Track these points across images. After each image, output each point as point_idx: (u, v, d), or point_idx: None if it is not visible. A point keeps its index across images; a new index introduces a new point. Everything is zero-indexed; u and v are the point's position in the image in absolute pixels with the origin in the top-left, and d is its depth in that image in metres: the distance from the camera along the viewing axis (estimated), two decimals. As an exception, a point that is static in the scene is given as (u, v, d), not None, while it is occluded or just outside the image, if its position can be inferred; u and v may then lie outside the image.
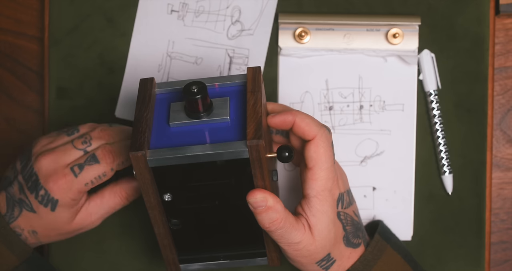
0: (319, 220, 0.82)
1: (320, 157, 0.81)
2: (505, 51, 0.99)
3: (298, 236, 0.81)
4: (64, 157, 0.85)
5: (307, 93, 0.96)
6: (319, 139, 0.81)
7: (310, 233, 0.82)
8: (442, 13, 0.97)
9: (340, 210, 0.84)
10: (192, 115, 0.78)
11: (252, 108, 0.78)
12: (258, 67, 0.81)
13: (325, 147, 0.81)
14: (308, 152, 0.82)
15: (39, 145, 0.87)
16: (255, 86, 0.80)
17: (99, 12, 0.97)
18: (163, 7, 0.97)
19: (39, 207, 0.85)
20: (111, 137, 0.87)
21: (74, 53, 0.97)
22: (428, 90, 0.96)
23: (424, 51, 0.96)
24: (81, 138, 0.86)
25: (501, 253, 1.00)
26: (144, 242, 0.97)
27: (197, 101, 0.77)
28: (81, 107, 0.98)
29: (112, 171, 0.85)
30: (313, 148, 0.81)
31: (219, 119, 0.78)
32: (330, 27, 0.96)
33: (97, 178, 0.85)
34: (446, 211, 0.97)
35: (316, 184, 0.82)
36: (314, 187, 0.82)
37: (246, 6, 0.97)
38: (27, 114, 1.00)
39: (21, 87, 1.00)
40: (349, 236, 0.85)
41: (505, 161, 1.00)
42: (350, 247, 0.85)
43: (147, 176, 0.76)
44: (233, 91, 0.81)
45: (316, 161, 0.81)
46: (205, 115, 0.78)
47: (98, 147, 0.85)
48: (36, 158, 0.86)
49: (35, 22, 1.00)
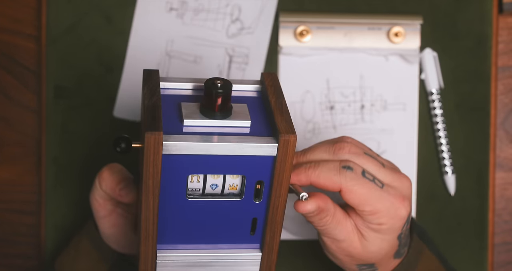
0: (373, 242, 0.78)
1: (363, 198, 0.75)
2: (508, 50, 0.99)
3: (343, 233, 0.77)
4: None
5: (308, 92, 0.96)
6: (346, 186, 0.75)
7: (358, 240, 0.78)
8: (444, 12, 0.96)
9: (403, 230, 0.78)
10: (209, 114, 0.71)
11: (278, 108, 0.71)
12: (274, 74, 0.75)
13: (360, 187, 0.75)
14: (347, 200, 0.75)
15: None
16: (278, 91, 0.73)
17: (97, 10, 0.97)
18: (162, 5, 0.96)
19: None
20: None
21: (71, 52, 0.97)
22: (430, 89, 0.96)
23: (426, 50, 0.96)
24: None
25: (504, 254, 1.00)
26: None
27: (219, 98, 0.69)
28: (79, 106, 0.97)
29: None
30: (348, 196, 0.75)
31: (239, 122, 0.71)
32: (331, 25, 0.96)
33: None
34: (448, 212, 0.97)
35: (378, 217, 0.76)
36: (376, 219, 0.76)
37: (246, 4, 0.96)
38: (24, 113, 1.00)
39: (18, 87, 1.00)
40: (401, 248, 0.80)
41: (508, 161, 0.99)
42: (397, 258, 0.81)
43: (158, 163, 0.69)
44: (248, 99, 0.75)
45: (363, 203, 0.75)
46: (224, 116, 0.71)
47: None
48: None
49: (32, 21, 0.99)
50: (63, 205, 0.98)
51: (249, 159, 0.70)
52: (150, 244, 0.74)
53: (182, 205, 0.73)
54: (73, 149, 0.97)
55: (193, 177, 0.72)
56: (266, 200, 0.73)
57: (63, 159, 0.97)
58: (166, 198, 0.72)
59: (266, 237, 0.74)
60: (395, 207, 0.76)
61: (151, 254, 0.74)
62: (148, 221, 0.72)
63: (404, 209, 0.76)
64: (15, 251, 1.00)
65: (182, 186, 0.72)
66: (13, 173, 1.00)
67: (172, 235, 0.74)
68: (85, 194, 0.98)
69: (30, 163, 1.00)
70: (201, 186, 0.73)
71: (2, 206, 1.00)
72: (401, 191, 0.77)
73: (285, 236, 0.96)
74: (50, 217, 0.97)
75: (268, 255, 0.75)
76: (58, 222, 0.98)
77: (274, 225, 0.73)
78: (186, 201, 0.73)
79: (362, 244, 0.78)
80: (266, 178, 0.71)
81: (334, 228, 0.77)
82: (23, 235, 1.00)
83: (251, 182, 0.72)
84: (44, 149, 0.97)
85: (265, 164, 0.71)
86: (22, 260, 1.00)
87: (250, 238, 0.75)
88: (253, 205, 0.73)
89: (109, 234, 0.86)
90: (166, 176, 0.71)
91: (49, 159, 0.97)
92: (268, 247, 0.74)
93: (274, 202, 0.72)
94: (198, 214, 0.73)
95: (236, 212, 0.73)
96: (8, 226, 1.01)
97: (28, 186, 1.00)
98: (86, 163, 0.98)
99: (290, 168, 0.71)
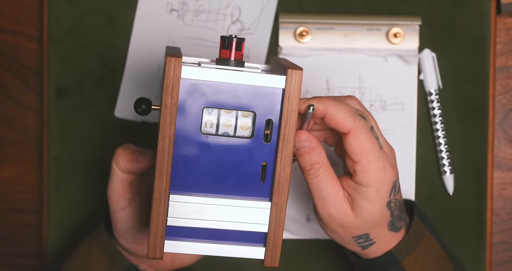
0: (364, 207, 0.79)
1: (364, 148, 0.77)
2: (506, 50, 0.99)
3: (333, 194, 0.79)
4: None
5: (308, 92, 0.96)
6: (357, 130, 0.77)
7: (350, 208, 0.79)
8: (443, 13, 0.97)
9: (391, 198, 0.80)
10: (224, 63, 0.76)
11: (287, 62, 0.76)
12: (284, 59, 0.80)
13: (366, 137, 0.77)
14: (349, 145, 0.77)
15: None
16: (289, 61, 0.78)
17: (98, 11, 0.97)
18: (162, 6, 0.97)
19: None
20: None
21: (73, 53, 0.97)
22: (429, 90, 0.96)
23: (424, 51, 0.96)
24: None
25: (502, 253, 1.00)
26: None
27: (233, 45, 0.75)
28: (80, 107, 0.97)
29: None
30: (353, 141, 0.77)
31: (251, 70, 0.75)
32: (331, 26, 0.96)
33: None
34: (447, 211, 0.97)
35: (367, 175, 0.78)
36: (365, 178, 0.78)
37: (246, 5, 0.96)
38: (26, 114, 1.00)
39: (19, 87, 1.00)
40: (395, 220, 0.82)
41: (506, 161, 0.99)
42: (393, 231, 0.82)
43: (177, 86, 0.73)
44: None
45: (361, 154, 0.77)
46: (237, 65, 0.76)
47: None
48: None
49: (34, 21, 0.99)
50: (65, 204, 0.98)
51: (259, 91, 0.74)
52: (164, 180, 0.75)
53: (196, 141, 0.75)
54: (74, 148, 0.98)
55: (207, 123, 0.75)
56: (275, 142, 0.75)
57: (65, 159, 0.98)
58: (182, 132, 0.75)
59: (275, 183, 0.76)
60: (384, 169, 0.78)
61: (164, 193, 0.75)
62: (164, 153, 0.74)
63: (392, 174, 0.79)
64: (17, 250, 1.01)
65: (197, 119, 0.75)
66: (14, 172, 1.00)
67: (185, 180, 0.76)
68: (86, 193, 0.98)
69: (31, 162, 1.00)
70: (214, 130, 0.76)
71: (4, 205, 1.01)
72: (392, 159, 0.80)
73: (285, 236, 0.97)
74: (51, 216, 0.98)
75: (277, 205, 0.76)
76: (59, 221, 0.98)
77: (283, 169, 0.75)
78: (200, 137, 0.75)
79: (353, 211, 0.79)
80: (275, 116, 0.74)
81: (324, 182, 0.79)
82: (24, 234, 1.01)
83: (261, 120, 0.75)
84: (45, 149, 0.97)
85: (275, 99, 0.74)
86: (25, 259, 1.00)
87: (260, 188, 0.76)
88: (263, 148, 0.76)
89: (124, 230, 0.85)
90: (183, 107, 0.74)
91: (50, 158, 0.97)
92: (277, 195, 0.76)
93: (283, 142, 0.74)
94: (211, 154, 0.75)
95: (246, 156, 0.76)
96: (10, 226, 1.01)
97: (30, 185, 1.00)
98: (87, 163, 0.98)
99: (297, 104, 0.74)
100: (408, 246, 0.83)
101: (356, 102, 0.81)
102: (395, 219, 0.82)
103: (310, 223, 0.97)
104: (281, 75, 0.74)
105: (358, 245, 0.82)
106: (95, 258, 0.87)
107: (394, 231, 0.82)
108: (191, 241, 0.76)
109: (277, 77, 0.74)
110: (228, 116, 0.75)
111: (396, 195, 0.81)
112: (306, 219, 0.97)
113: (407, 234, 0.83)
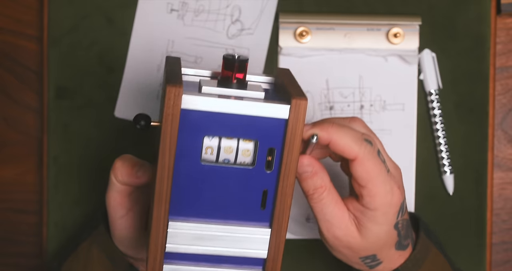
0: (371, 229, 0.78)
1: (371, 174, 0.76)
2: (506, 50, 0.99)
3: (338, 217, 0.77)
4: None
5: (308, 93, 0.96)
6: (363, 157, 0.75)
7: (356, 231, 0.78)
8: (443, 13, 0.97)
9: (399, 219, 0.79)
10: (225, 84, 0.74)
11: (291, 84, 0.74)
12: (287, 69, 0.78)
13: (373, 163, 0.76)
14: (355, 171, 0.76)
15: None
16: (291, 78, 0.76)
17: (98, 11, 0.97)
18: (162, 6, 0.97)
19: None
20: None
21: (73, 53, 0.97)
22: (429, 90, 0.96)
23: (424, 51, 0.96)
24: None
25: (502, 253, 1.00)
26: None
27: (235, 67, 0.73)
28: (80, 107, 0.97)
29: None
30: (359, 168, 0.76)
31: (254, 94, 0.73)
32: (331, 26, 0.96)
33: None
34: (447, 211, 0.97)
35: (374, 200, 0.76)
36: (372, 203, 0.77)
37: (246, 5, 0.97)
38: (26, 114, 1.00)
39: (20, 87, 1.00)
40: (402, 240, 0.81)
41: (506, 161, 0.99)
42: (400, 250, 0.82)
43: (176, 116, 0.71)
44: (262, 85, 0.78)
45: (368, 179, 0.76)
46: (239, 87, 0.74)
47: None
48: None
49: (34, 22, 0.99)
50: (65, 204, 0.98)
51: (262, 121, 0.72)
52: (163, 209, 0.74)
53: (196, 170, 0.74)
54: (74, 148, 0.98)
55: (207, 149, 0.74)
56: (277, 170, 0.74)
57: (65, 159, 0.98)
58: (181, 161, 0.74)
59: (276, 211, 0.75)
60: (392, 193, 0.77)
61: (163, 221, 0.75)
62: (163, 182, 0.73)
63: (400, 196, 0.78)
64: (17, 250, 1.01)
65: (197, 149, 0.73)
66: (15, 172, 1.00)
67: (184, 206, 0.75)
68: (86, 193, 0.98)
69: (31, 162, 1.00)
70: (214, 157, 0.74)
71: (4, 205, 1.01)
72: (398, 179, 0.79)
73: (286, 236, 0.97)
74: (51, 216, 0.98)
75: (277, 232, 0.75)
76: (59, 221, 0.98)
77: (284, 198, 0.74)
78: (200, 166, 0.74)
79: (360, 233, 0.78)
80: (278, 145, 0.73)
81: (329, 206, 0.77)
82: (25, 234, 1.01)
83: (263, 148, 0.73)
84: (45, 149, 0.98)
85: (277, 129, 0.73)
86: (25, 259, 1.01)
87: (260, 214, 0.75)
88: (265, 176, 0.74)
89: (123, 237, 0.85)
90: (183, 136, 0.73)
91: (50, 158, 0.97)
92: (277, 222, 0.75)
93: (285, 171, 0.73)
94: (211, 183, 0.74)
95: (247, 183, 0.74)
96: (10, 225, 1.01)
97: (30, 185, 1.00)
98: (87, 163, 0.98)
99: (300, 134, 0.72)
100: (415, 263, 0.82)
101: (360, 125, 0.79)
102: (402, 239, 0.81)
103: (310, 223, 0.97)
104: (285, 105, 0.72)
105: (365, 265, 0.81)
106: (96, 259, 0.87)
107: (401, 249, 0.82)
108: (189, 265, 0.76)
109: (281, 107, 0.72)
110: (229, 142, 0.74)
111: (403, 216, 0.80)
112: (306, 219, 0.97)
113: (413, 251, 0.83)
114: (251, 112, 0.72)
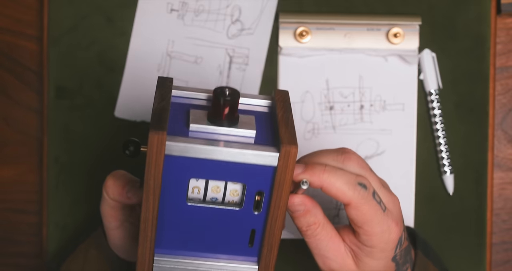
0: (368, 264, 0.77)
1: (366, 216, 0.74)
2: (506, 50, 0.99)
3: (333, 251, 0.77)
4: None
5: (308, 93, 0.96)
6: (357, 202, 0.74)
7: (353, 264, 0.78)
8: (443, 13, 0.97)
9: (397, 252, 0.78)
10: (215, 121, 0.72)
11: (284, 121, 0.72)
12: (286, 91, 0.77)
13: (368, 206, 0.74)
14: (350, 214, 0.75)
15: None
16: (287, 106, 0.74)
17: (98, 11, 0.97)
18: (162, 6, 0.97)
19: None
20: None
21: (73, 53, 0.97)
22: (429, 90, 0.96)
23: (424, 51, 0.96)
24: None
25: (502, 253, 1.00)
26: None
27: (226, 106, 0.71)
28: (80, 107, 0.97)
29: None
30: (353, 211, 0.74)
31: (245, 132, 0.71)
32: (331, 26, 0.96)
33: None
34: (447, 211, 0.97)
35: (371, 239, 0.76)
36: (368, 241, 0.76)
37: (246, 5, 0.97)
38: (26, 114, 1.00)
39: (19, 87, 1.00)
40: (400, 268, 0.80)
41: (506, 161, 0.99)
42: None
43: (160, 163, 0.69)
44: (258, 112, 0.76)
45: (363, 222, 0.75)
46: (230, 124, 0.72)
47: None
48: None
49: (34, 22, 0.99)
50: (65, 204, 0.98)
51: (250, 167, 0.71)
52: (148, 246, 0.74)
53: (182, 210, 0.73)
54: (74, 148, 0.98)
55: (194, 189, 0.73)
56: (265, 211, 0.73)
57: (65, 159, 0.98)
58: (166, 201, 0.73)
59: (264, 250, 0.74)
60: (389, 231, 0.76)
61: (148, 257, 0.74)
62: (147, 223, 0.73)
63: (397, 231, 0.77)
64: (17, 250, 1.01)
65: (183, 190, 0.72)
66: (15, 172, 1.00)
67: (170, 241, 0.75)
68: (86, 193, 0.98)
69: (32, 162, 1.00)
70: (201, 196, 0.73)
71: (4, 205, 1.01)
72: (396, 214, 0.77)
73: (284, 235, 0.97)
74: (52, 216, 0.98)
75: (265, 269, 0.75)
76: (60, 221, 0.98)
77: (272, 238, 0.74)
78: (186, 206, 0.73)
79: (357, 266, 0.78)
80: (266, 188, 0.72)
81: (323, 241, 0.77)
82: (25, 234, 1.01)
83: (251, 191, 0.72)
84: (45, 149, 0.98)
85: (266, 174, 0.71)
86: (25, 259, 1.01)
87: (248, 250, 0.75)
88: (253, 216, 0.73)
89: (120, 245, 0.85)
90: (168, 178, 0.71)
91: (50, 158, 0.98)
92: (265, 260, 0.75)
93: (273, 214, 0.72)
94: (197, 221, 0.74)
95: (235, 222, 0.74)
96: (10, 225, 1.01)
97: (30, 185, 1.00)
98: (87, 163, 0.98)
99: (290, 180, 0.71)
100: None
101: (355, 164, 0.77)
102: (400, 267, 0.80)
103: (310, 223, 0.97)
104: (274, 153, 0.70)
105: None
106: (94, 261, 0.87)
107: None
108: None
109: (270, 154, 0.70)
110: (217, 182, 0.73)
111: (402, 247, 0.79)
112: (306, 219, 0.97)
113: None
114: (239, 160, 0.70)
